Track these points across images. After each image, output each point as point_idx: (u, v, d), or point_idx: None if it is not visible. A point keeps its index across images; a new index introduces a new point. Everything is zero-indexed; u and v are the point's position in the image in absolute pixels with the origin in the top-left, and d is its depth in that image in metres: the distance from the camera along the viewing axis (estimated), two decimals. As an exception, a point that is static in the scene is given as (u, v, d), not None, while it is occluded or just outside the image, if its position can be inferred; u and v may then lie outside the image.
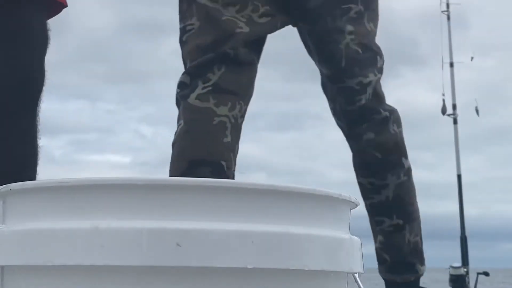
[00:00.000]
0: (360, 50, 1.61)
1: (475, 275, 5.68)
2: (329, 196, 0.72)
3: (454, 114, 7.60)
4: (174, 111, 1.80)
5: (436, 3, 7.75)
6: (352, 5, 1.61)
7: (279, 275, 0.65)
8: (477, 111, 7.66)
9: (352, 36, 1.60)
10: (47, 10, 1.55)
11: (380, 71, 1.67)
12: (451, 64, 7.70)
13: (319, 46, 1.66)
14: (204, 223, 0.62)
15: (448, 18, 7.76)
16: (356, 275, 0.77)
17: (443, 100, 7.44)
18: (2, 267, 0.68)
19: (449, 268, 5.82)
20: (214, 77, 1.56)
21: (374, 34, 1.67)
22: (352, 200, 0.76)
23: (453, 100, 7.62)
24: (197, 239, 0.61)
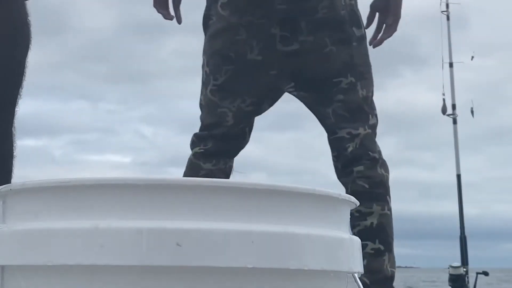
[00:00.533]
0: (347, 114, 1.87)
1: (475, 274, 5.69)
2: (329, 196, 0.72)
3: (453, 114, 7.60)
4: (175, 112, 1.95)
5: (436, 3, 7.76)
6: (342, 79, 1.85)
7: (279, 275, 0.65)
8: (472, 112, 7.66)
9: (341, 104, 1.86)
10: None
11: (372, 127, 1.89)
12: (451, 64, 7.71)
13: (311, 108, 1.94)
14: (204, 223, 0.62)
15: (448, 18, 7.77)
16: (356, 275, 0.77)
17: (443, 100, 7.44)
18: (2, 266, 0.68)
19: (448, 268, 5.82)
20: (207, 146, 1.98)
21: (367, 97, 1.89)
22: (352, 200, 0.76)
23: (452, 100, 7.62)
24: (197, 239, 0.61)
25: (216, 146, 1.94)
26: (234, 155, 2.02)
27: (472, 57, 8.14)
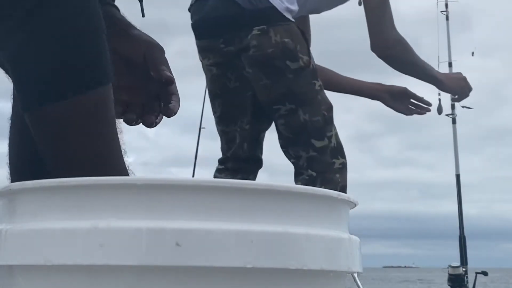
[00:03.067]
0: (291, 135, 2.08)
1: (474, 274, 5.68)
2: (328, 195, 0.72)
3: (452, 114, 7.59)
4: (178, 112, 2.07)
5: (435, 3, 7.75)
6: (281, 106, 2.07)
7: (278, 275, 0.65)
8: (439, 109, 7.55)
9: (283, 126, 2.09)
10: None
11: (319, 150, 2.06)
12: (450, 64, 7.70)
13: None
14: (203, 223, 0.62)
15: (447, 18, 7.77)
16: (355, 275, 0.77)
17: (439, 100, 7.42)
18: (1, 266, 0.68)
19: (447, 268, 5.82)
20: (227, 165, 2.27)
21: (312, 122, 2.07)
22: (351, 200, 0.76)
23: (451, 100, 7.60)
24: (196, 238, 0.61)
25: (234, 165, 2.20)
26: (252, 178, 2.23)
27: (473, 52, 8.12)
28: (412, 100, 2.43)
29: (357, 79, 2.46)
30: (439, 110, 7.48)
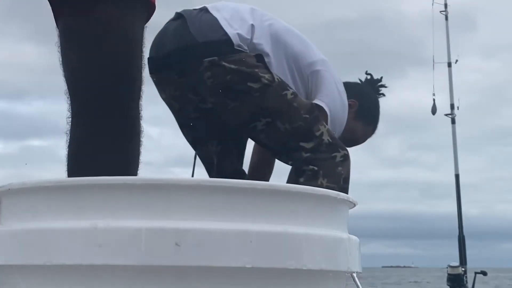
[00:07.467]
0: (279, 146, 2.04)
1: (473, 274, 5.68)
2: (328, 196, 0.72)
3: (452, 114, 7.59)
4: None
5: (436, 4, 7.75)
6: (257, 123, 2.01)
7: (278, 275, 0.65)
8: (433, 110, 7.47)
9: (267, 140, 2.05)
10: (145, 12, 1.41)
11: (311, 150, 2.02)
12: (449, 64, 7.70)
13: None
14: (203, 223, 0.62)
15: (446, 18, 7.77)
16: (355, 275, 0.77)
17: (433, 100, 7.41)
18: (1, 266, 0.68)
19: (447, 267, 5.82)
20: None
21: (294, 128, 2.02)
22: (351, 200, 0.76)
23: (451, 100, 7.61)
24: (196, 238, 0.61)
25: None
26: None
27: (456, 60, 8.14)
28: None
29: None
30: (433, 111, 7.48)
